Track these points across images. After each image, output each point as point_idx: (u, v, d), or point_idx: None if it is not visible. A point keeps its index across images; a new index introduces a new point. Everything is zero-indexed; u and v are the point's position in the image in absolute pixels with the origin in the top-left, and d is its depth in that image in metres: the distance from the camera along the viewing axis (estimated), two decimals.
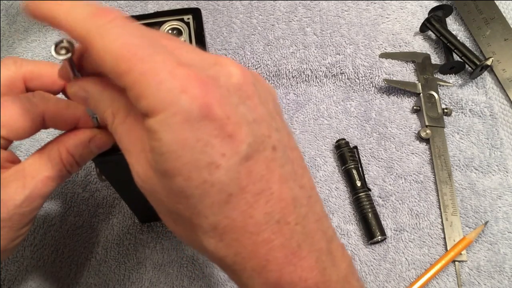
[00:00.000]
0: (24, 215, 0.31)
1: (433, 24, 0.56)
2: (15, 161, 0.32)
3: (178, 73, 0.22)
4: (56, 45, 0.26)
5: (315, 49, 0.56)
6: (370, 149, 0.52)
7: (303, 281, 0.25)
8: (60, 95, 0.35)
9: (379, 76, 0.55)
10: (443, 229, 0.48)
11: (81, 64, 0.27)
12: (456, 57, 0.56)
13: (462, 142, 0.52)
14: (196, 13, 0.38)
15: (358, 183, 0.49)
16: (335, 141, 0.52)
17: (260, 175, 0.24)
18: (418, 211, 0.49)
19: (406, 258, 0.47)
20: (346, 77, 0.55)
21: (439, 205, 0.49)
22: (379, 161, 0.51)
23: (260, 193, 0.24)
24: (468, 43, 0.57)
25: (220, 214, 0.24)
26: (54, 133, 0.30)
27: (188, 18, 0.38)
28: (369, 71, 0.55)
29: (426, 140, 0.52)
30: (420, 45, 0.57)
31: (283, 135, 0.26)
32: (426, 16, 0.58)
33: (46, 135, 0.47)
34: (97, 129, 0.31)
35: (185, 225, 0.25)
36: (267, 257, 0.24)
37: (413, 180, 0.50)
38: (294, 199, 0.25)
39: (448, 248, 0.47)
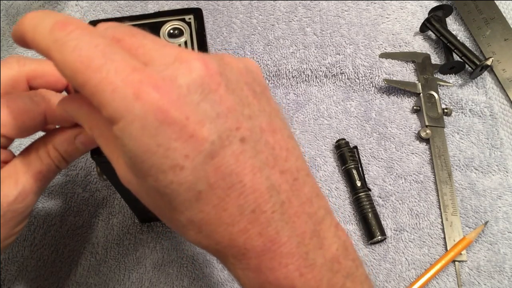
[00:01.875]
0: (17, 212, 0.31)
1: (433, 24, 0.56)
2: None
3: (131, 79, 0.22)
4: None
5: (315, 49, 0.56)
6: (370, 149, 0.52)
7: (283, 266, 0.25)
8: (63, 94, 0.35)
9: (379, 76, 0.55)
10: (443, 229, 0.48)
11: None
12: (456, 57, 0.56)
13: (462, 142, 0.52)
14: (197, 13, 0.38)
15: (358, 183, 0.49)
16: (335, 141, 0.52)
17: (229, 169, 0.24)
18: (418, 211, 0.49)
19: (406, 258, 0.47)
20: (346, 77, 0.55)
21: (439, 205, 0.49)
22: (379, 161, 0.51)
23: (231, 187, 0.24)
24: (468, 43, 0.57)
25: (193, 210, 0.24)
26: None
27: (190, 18, 0.38)
28: (369, 71, 0.55)
29: (426, 140, 0.52)
30: (420, 45, 0.57)
31: (261, 120, 0.25)
32: (426, 16, 0.58)
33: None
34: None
35: (169, 220, 0.26)
36: (245, 246, 0.25)
37: (413, 180, 0.50)
38: (269, 187, 0.25)
39: (448, 248, 0.47)
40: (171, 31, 0.37)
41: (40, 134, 0.33)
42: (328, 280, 0.26)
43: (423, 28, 0.57)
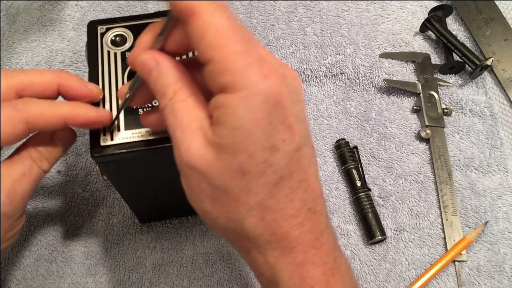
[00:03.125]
0: (6, 216, 0.32)
1: (433, 24, 0.56)
2: None
3: (263, 62, 0.25)
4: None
5: (315, 49, 0.56)
6: (370, 149, 0.52)
7: (322, 264, 0.28)
8: (60, 99, 0.35)
9: (379, 76, 0.55)
10: (443, 229, 0.48)
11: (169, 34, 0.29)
12: (456, 57, 0.56)
13: (462, 142, 0.52)
14: None
15: (358, 183, 0.49)
16: (335, 141, 0.52)
17: (304, 166, 0.27)
18: (418, 211, 0.49)
19: (406, 258, 0.47)
20: (346, 77, 0.55)
21: (439, 205, 0.49)
22: (379, 161, 0.51)
23: (302, 181, 0.27)
24: (468, 43, 0.57)
25: (269, 194, 0.26)
26: None
27: None
28: (369, 71, 0.55)
29: (426, 140, 0.52)
30: (420, 45, 0.57)
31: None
32: (426, 16, 0.58)
33: None
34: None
35: (226, 204, 0.27)
36: (297, 239, 0.27)
37: (413, 180, 0.50)
38: (321, 192, 0.29)
39: (448, 248, 0.47)
40: None
41: None
42: (349, 283, 0.30)
43: (423, 28, 0.57)
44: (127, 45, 0.37)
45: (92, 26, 0.38)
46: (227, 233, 0.29)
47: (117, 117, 0.34)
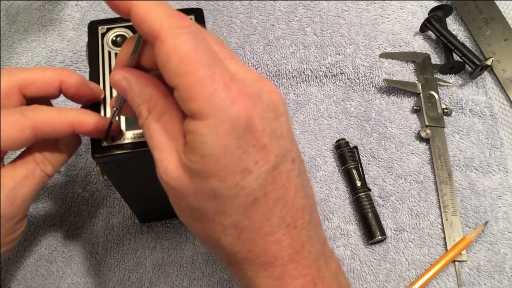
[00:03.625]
0: (6, 218, 0.32)
1: (433, 24, 0.56)
2: None
3: (231, 86, 0.24)
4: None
5: (315, 49, 0.56)
6: (370, 149, 0.52)
7: (302, 276, 0.28)
8: (60, 100, 0.36)
9: (379, 76, 0.55)
10: (443, 229, 0.48)
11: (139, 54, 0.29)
12: (456, 57, 0.56)
13: (462, 142, 0.52)
14: (198, 13, 0.38)
15: (358, 183, 0.49)
16: (335, 141, 0.52)
17: (282, 183, 0.27)
18: (418, 211, 0.49)
19: (406, 258, 0.47)
20: (346, 77, 0.55)
21: (439, 205, 0.49)
22: (379, 161, 0.51)
23: (279, 199, 0.27)
24: (468, 43, 0.57)
25: (243, 215, 0.26)
26: None
27: (191, 18, 0.38)
28: (369, 71, 0.55)
29: (426, 140, 0.52)
30: (420, 45, 0.57)
31: (297, 149, 0.29)
32: (426, 16, 0.58)
33: None
34: None
35: (204, 222, 0.27)
36: (275, 254, 0.27)
37: (413, 180, 0.50)
38: (303, 206, 0.28)
39: (448, 248, 0.47)
40: None
41: None
42: None
43: (423, 28, 0.57)
44: None
45: (93, 26, 0.38)
46: (208, 246, 0.30)
47: (109, 129, 0.33)
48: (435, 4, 0.59)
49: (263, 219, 0.27)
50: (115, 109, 0.31)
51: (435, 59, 0.56)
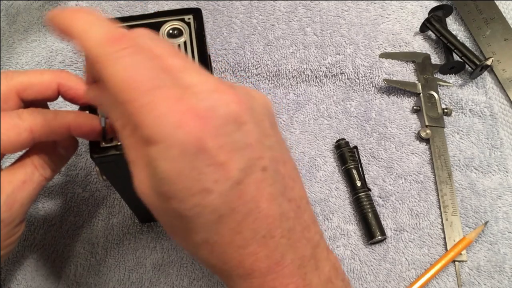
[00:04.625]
0: (4, 222, 0.32)
1: (433, 24, 0.56)
2: None
3: (176, 109, 0.23)
4: None
5: (315, 49, 0.56)
6: (370, 149, 0.52)
7: (284, 285, 0.27)
8: (60, 100, 0.36)
9: (379, 76, 0.55)
10: (443, 229, 0.48)
11: None
12: (456, 57, 0.56)
13: (462, 142, 0.52)
14: (196, 13, 0.38)
15: (358, 183, 0.49)
16: (335, 141, 0.52)
17: (250, 196, 0.25)
18: (418, 211, 0.49)
19: (406, 258, 0.47)
20: (346, 77, 0.55)
21: (439, 205, 0.49)
22: (379, 161, 0.51)
23: (249, 212, 0.25)
24: (468, 43, 0.57)
25: (210, 232, 0.25)
26: None
27: (189, 18, 0.38)
28: (369, 71, 0.55)
29: (426, 140, 0.52)
30: (420, 45, 0.57)
31: (276, 150, 0.27)
32: (426, 16, 0.58)
33: None
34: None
35: (179, 237, 0.27)
36: (252, 267, 0.26)
37: (413, 180, 0.50)
38: (281, 214, 0.26)
39: (448, 248, 0.47)
40: (171, 31, 0.37)
41: None
42: None
43: (423, 28, 0.57)
44: None
45: None
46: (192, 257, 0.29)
47: (103, 133, 0.34)
48: (435, 4, 0.59)
49: (233, 233, 0.25)
50: (102, 125, 0.31)
51: (435, 59, 0.56)
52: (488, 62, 0.53)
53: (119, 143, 0.34)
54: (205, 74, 0.25)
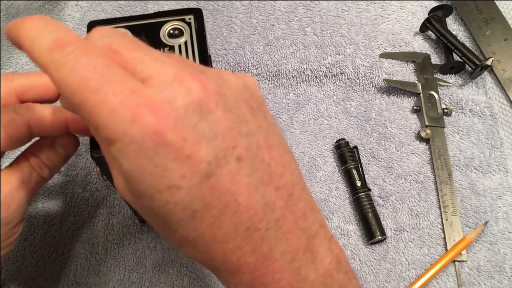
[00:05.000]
0: (2, 224, 0.32)
1: (433, 24, 0.56)
2: None
3: (128, 102, 0.22)
4: None
5: (315, 49, 0.56)
6: (370, 149, 0.52)
7: (275, 282, 0.26)
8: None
9: (379, 76, 0.55)
10: (443, 229, 0.48)
11: None
12: (456, 57, 0.56)
13: (462, 142, 0.52)
14: (197, 13, 0.38)
15: (358, 183, 0.49)
16: (335, 141, 0.52)
17: (225, 189, 0.24)
18: (418, 211, 0.49)
19: (406, 258, 0.47)
20: (346, 77, 0.55)
21: (439, 205, 0.49)
22: (379, 161, 0.51)
23: (226, 206, 0.24)
24: (468, 43, 0.57)
25: (188, 228, 0.24)
26: None
27: (190, 18, 0.38)
28: (369, 71, 0.55)
29: (426, 140, 0.52)
30: (420, 45, 0.57)
31: (258, 137, 0.26)
32: (426, 16, 0.58)
33: None
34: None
35: (163, 234, 0.26)
36: (239, 262, 0.25)
37: (413, 180, 0.50)
38: (264, 205, 0.25)
39: (448, 248, 0.47)
40: (171, 31, 0.37)
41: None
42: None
43: (423, 28, 0.57)
44: None
45: (93, 26, 0.38)
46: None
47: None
48: (435, 4, 0.59)
49: (213, 228, 0.24)
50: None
51: (435, 59, 0.56)
52: (488, 62, 0.53)
53: None
54: (166, 63, 0.24)
